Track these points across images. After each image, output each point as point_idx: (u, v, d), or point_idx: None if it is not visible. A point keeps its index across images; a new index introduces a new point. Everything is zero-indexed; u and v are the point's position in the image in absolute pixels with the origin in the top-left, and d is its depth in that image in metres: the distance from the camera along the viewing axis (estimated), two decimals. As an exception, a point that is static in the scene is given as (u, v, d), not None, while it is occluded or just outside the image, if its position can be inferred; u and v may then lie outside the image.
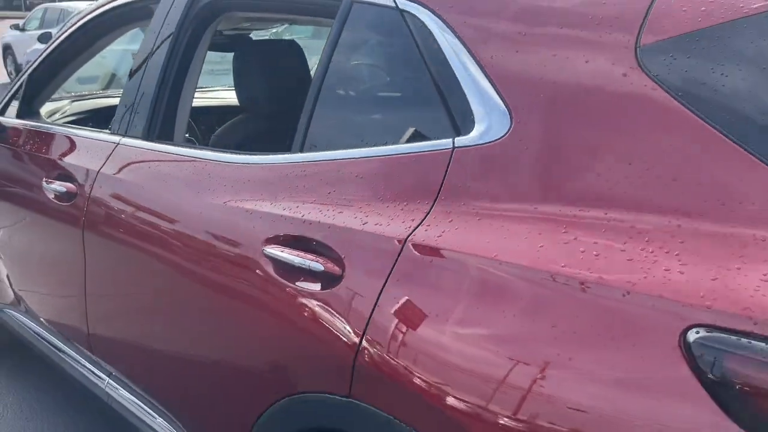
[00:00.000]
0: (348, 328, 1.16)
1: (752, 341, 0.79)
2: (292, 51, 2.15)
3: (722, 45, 0.97)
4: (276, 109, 1.63)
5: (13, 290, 2.53)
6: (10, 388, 2.84)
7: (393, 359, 1.09)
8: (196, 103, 2.06)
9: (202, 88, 3.38)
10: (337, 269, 1.19)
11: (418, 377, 1.05)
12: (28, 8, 25.46)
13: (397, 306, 1.10)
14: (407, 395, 1.06)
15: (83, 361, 2.12)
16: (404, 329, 1.09)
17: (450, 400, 1.00)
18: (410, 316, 1.09)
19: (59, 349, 2.25)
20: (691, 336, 0.82)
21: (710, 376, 0.81)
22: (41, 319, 2.36)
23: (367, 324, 1.13)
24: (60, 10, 12.62)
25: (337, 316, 1.18)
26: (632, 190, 0.96)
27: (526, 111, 1.08)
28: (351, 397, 1.16)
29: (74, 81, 3.50)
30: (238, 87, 2.13)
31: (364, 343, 1.13)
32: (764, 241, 0.84)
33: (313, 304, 1.23)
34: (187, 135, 2.21)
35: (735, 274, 0.83)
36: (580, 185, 1.01)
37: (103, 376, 2.03)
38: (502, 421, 0.94)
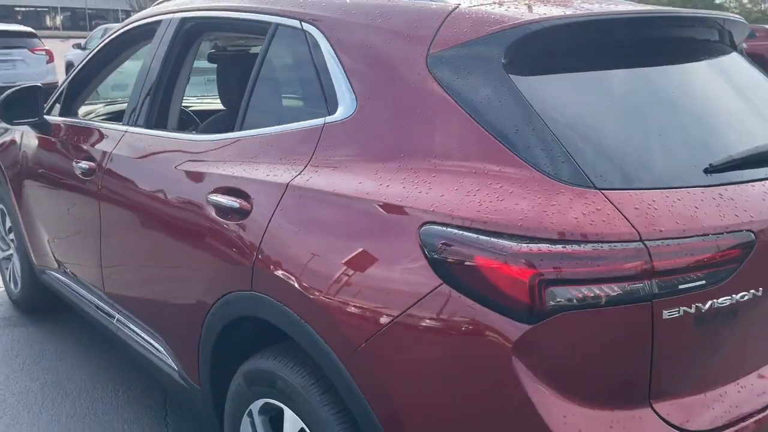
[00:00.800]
0: (251, 244, 1.71)
1: (456, 231, 1.31)
2: (250, 60, 2.72)
3: (480, 53, 1.48)
4: (237, 104, 2.20)
5: (53, 255, 3.18)
6: (51, 336, 3.50)
7: (276, 261, 1.64)
8: (203, 106, 2.66)
9: (207, 95, 4.04)
10: (248, 206, 1.76)
11: (292, 273, 1.59)
12: (92, 28, 27.28)
13: (278, 226, 1.66)
14: (287, 286, 1.60)
15: (100, 304, 2.73)
16: (283, 242, 1.64)
17: (310, 284, 1.55)
18: (286, 232, 1.64)
19: (87, 300, 2.87)
20: (423, 229, 1.34)
21: (432, 254, 1.32)
22: (74, 276, 2.99)
23: (261, 240, 1.68)
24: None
25: (246, 237, 1.74)
26: (422, 147, 1.49)
27: (366, 98, 1.63)
28: (252, 290, 1.71)
29: (110, 88, 4.21)
30: (218, 89, 2.76)
31: (258, 254, 1.68)
32: (474, 173, 1.36)
33: (234, 230, 1.80)
34: (192, 128, 2.82)
35: (455, 193, 1.35)
36: (393, 144, 1.54)
37: (113, 313, 2.63)
38: (328, 296, 1.49)
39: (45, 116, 3.09)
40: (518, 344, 1.25)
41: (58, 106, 3.16)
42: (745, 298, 1.35)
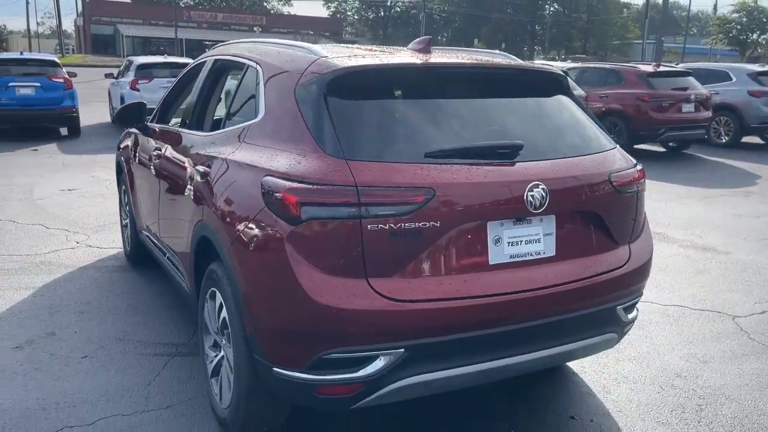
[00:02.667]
0: (207, 192, 2.96)
1: (274, 179, 2.46)
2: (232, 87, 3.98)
3: (315, 84, 2.63)
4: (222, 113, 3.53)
5: (143, 218, 4.67)
6: (139, 279, 5.03)
7: (211, 201, 2.87)
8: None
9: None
10: (209, 170, 3.01)
11: (214, 206, 2.82)
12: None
13: (216, 181, 2.90)
14: (212, 214, 2.83)
15: (160, 246, 4.13)
16: (215, 190, 2.88)
17: (218, 211, 2.76)
18: (218, 184, 2.88)
19: (155, 246, 4.30)
20: (264, 178, 2.50)
21: (264, 191, 2.48)
22: (149, 231, 4.45)
23: (209, 189, 2.92)
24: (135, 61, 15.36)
25: (205, 189, 2.99)
26: (281, 138, 2.65)
27: (267, 109, 2.82)
28: (203, 219, 2.96)
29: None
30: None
31: (207, 197, 2.93)
32: (295, 151, 2.50)
33: (202, 185, 3.05)
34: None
35: (283, 161, 2.49)
36: (271, 136, 2.72)
37: (165, 251, 4.01)
38: (223, 217, 2.64)
39: (146, 123, 4.60)
40: (288, 237, 2.36)
41: (157, 117, 4.68)
42: (426, 225, 2.36)
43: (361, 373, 2.38)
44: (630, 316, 2.97)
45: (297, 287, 2.34)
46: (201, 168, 3.10)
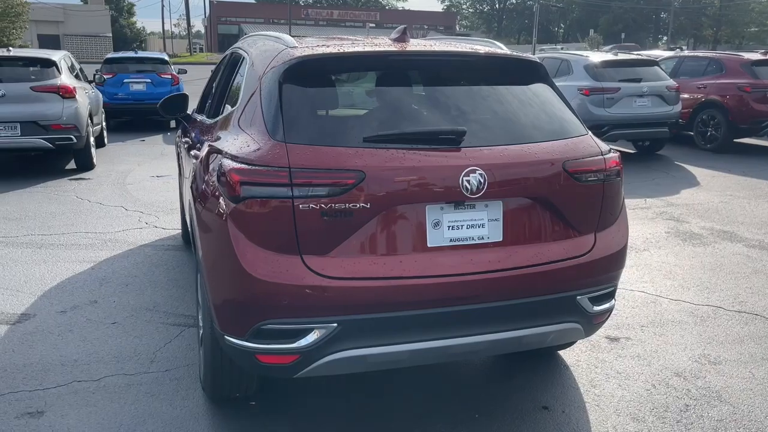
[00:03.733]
0: (194, 179, 3.22)
1: (227, 160, 2.67)
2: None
3: (274, 73, 2.80)
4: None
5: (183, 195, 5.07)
6: (182, 254, 5.45)
7: (194, 173, 3.13)
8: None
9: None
10: (199, 153, 3.27)
11: (193, 177, 3.07)
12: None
13: (199, 164, 3.13)
14: (194, 182, 3.09)
15: (188, 218, 4.49)
16: (198, 165, 3.12)
17: (195, 182, 3.01)
18: (199, 170, 3.12)
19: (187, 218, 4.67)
20: (222, 160, 2.71)
21: (219, 170, 2.69)
22: (185, 205, 4.83)
23: (198, 163, 3.16)
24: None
25: (198, 164, 3.23)
26: (246, 122, 2.85)
27: (245, 96, 3.02)
28: (190, 200, 3.23)
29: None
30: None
31: (195, 169, 3.18)
32: (250, 134, 2.70)
33: (194, 169, 3.31)
34: None
35: (239, 143, 2.69)
36: (242, 120, 2.92)
37: (189, 220, 4.36)
38: (196, 188, 2.89)
39: (188, 113, 4.98)
40: (230, 214, 2.55)
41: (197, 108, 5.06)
42: (358, 206, 2.46)
43: (296, 344, 2.54)
44: (598, 307, 2.90)
45: (236, 261, 2.53)
46: (193, 152, 3.37)
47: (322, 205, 2.47)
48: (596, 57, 10.78)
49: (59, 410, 3.11)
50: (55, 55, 9.45)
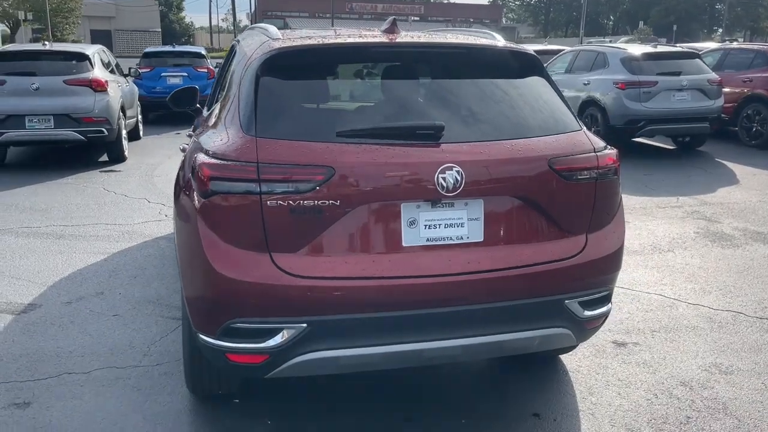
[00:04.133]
0: (187, 158, 3.18)
1: (204, 155, 2.62)
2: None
3: (254, 65, 2.74)
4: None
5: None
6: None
7: (184, 167, 3.09)
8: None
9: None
10: (188, 146, 3.23)
11: (181, 171, 3.03)
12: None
13: (189, 149, 3.10)
14: (179, 175, 3.05)
15: None
16: (186, 159, 3.08)
17: (180, 175, 2.97)
18: (184, 165, 3.09)
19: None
20: (200, 155, 2.67)
21: (196, 165, 2.65)
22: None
23: (188, 156, 3.12)
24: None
25: (189, 156, 3.19)
26: (225, 116, 2.80)
27: (230, 89, 2.97)
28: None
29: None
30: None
31: (186, 161, 3.14)
32: (227, 129, 2.65)
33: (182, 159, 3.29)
34: None
35: (217, 139, 2.64)
36: (224, 114, 2.87)
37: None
38: (179, 180, 2.85)
39: (198, 106, 4.98)
40: (200, 209, 2.50)
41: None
42: (328, 203, 2.38)
43: (265, 344, 2.47)
44: (590, 312, 2.75)
45: (204, 258, 2.47)
46: (182, 146, 3.34)
47: (291, 202, 2.40)
48: (634, 49, 10.42)
49: (45, 402, 3.13)
50: (89, 50, 9.63)
